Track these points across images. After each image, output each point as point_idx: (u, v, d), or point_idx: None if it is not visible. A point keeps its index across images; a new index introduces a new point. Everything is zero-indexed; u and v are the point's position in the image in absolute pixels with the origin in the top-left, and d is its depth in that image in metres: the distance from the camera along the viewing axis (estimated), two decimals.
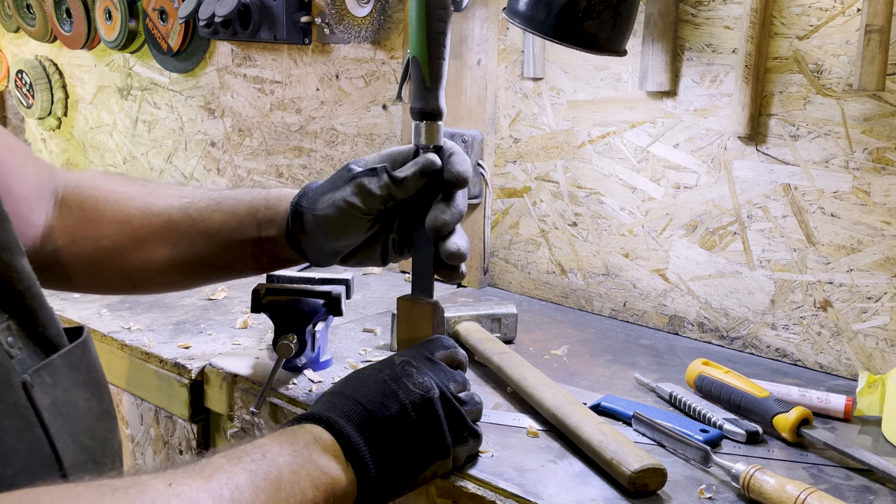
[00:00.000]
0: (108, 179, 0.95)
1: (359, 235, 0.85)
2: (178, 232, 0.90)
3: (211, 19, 1.61)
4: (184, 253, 0.91)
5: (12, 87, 2.30)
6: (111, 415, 0.69)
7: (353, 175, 0.84)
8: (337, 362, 1.06)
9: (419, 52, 0.82)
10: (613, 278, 1.30)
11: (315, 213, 0.84)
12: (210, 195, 0.92)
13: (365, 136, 1.58)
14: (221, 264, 0.93)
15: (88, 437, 0.65)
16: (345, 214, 0.83)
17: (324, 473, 0.67)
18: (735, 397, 0.93)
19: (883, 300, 1.05)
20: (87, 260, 0.90)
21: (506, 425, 0.90)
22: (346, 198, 0.83)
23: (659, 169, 1.23)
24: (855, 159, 1.05)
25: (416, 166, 0.82)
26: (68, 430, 0.63)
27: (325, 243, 0.86)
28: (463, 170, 0.83)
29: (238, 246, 0.90)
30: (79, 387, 0.65)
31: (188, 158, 1.95)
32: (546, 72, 1.33)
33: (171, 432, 1.12)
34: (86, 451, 0.64)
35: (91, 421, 0.65)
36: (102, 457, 0.66)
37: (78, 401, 0.65)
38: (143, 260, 0.91)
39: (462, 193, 0.85)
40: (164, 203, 0.92)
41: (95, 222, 0.90)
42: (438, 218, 0.82)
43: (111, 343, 1.16)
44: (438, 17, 0.81)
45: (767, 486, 0.74)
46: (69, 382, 0.64)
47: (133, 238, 0.90)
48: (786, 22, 1.08)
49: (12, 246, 0.62)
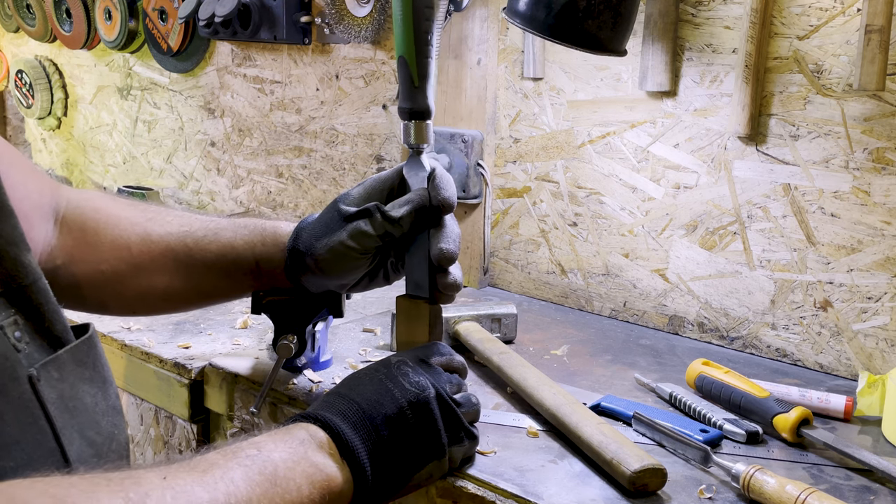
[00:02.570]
0: (110, 202, 0.95)
1: (361, 272, 0.87)
2: (176, 261, 0.91)
3: (211, 19, 1.61)
4: (182, 282, 0.92)
5: (12, 87, 2.30)
6: (117, 410, 0.69)
7: (345, 216, 0.84)
8: (337, 362, 1.06)
9: (406, 51, 0.82)
10: (613, 278, 1.30)
11: (314, 257, 0.85)
12: (208, 225, 0.93)
13: (365, 136, 1.58)
14: (219, 293, 0.95)
15: (94, 431, 0.65)
16: (344, 257, 0.84)
17: (319, 471, 0.67)
18: (735, 397, 0.93)
19: (883, 300, 1.05)
20: (86, 282, 0.90)
21: (506, 425, 0.90)
22: (344, 241, 0.83)
23: (659, 169, 1.22)
24: (855, 159, 1.05)
25: (411, 205, 0.83)
26: (74, 424, 0.63)
27: (329, 282, 0.88)
28: (447, 195, 0.84)
29: (236, 278, 0.92)
30: (85, 382, 0.66)
31: (188, 158, 1.95)
32: (546, 72, 1.33)
33: (171, 432, 1.12)
34: (92, 445, 0.64)
35: (97, 416, 0.66)
36: (108, 452, 0.66)
37: (84, 396, 0.65)
38: (142, 287, 0.92)
39: (451, 215, 0.86)
40: (163, 231, 0.92)
41: (95, 246, 0.90)
42: (445, 249, 0.83)
43: (111, 343, 1.16)
44: (425, 17, 0.81)
45: (767, 487, 0.74)
46: (75, 378, 0.65)
47: (131, 265, 0.91)
48: (786, 22, 1.08)
49: (18, 241, 0.62)
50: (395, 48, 0.84)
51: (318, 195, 1.69)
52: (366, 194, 0.86)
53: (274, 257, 0.90)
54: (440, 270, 0.85)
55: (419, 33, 0.81)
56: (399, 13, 0.81)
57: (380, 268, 0.90)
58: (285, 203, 1.76)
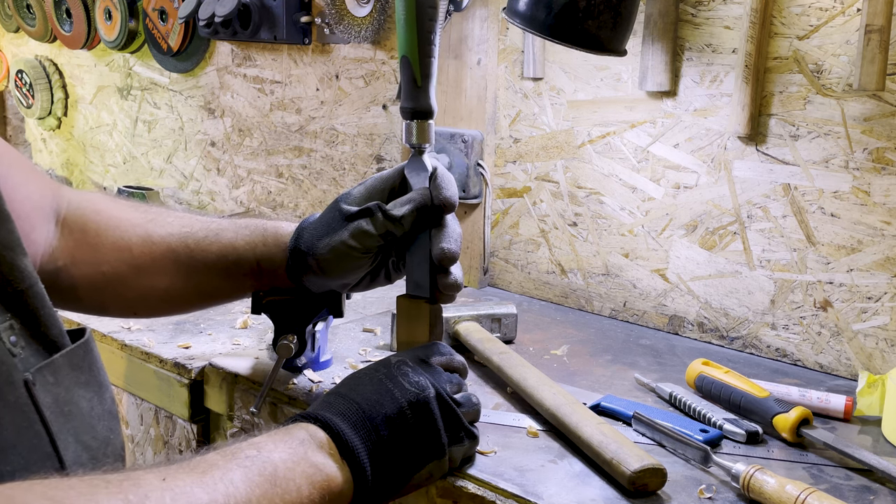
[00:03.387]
0: (112, 203, 0.95)
1: (362, 271, 0.87)
2: (177, 262, 0.91)
3: (211, 19, 1.61)
4: (183, 283, 0.92)
5: (12, 87, 2.30)
6: (113, 415, 0.69)
7: (346, 216, 0.84)
8: (337, 362, 1.06)
9: (409, 51, 0.82)
10: (613, 278, 1.30)
11: (316, 257, 0.85)
12: (209, 225, 0.93)
13: (365, 136, 1.58)
14: (220, 294, 0.95)
15: (90, 436, 0.65)
16: (346, 257, 0.84)
17: (319, 471, 0.67)
18: (735, 397, 0.93)
19: (883, 300, 1.05)
20: (87, 283, 0.90)
21: (506, 425, 0.90)
22: (345, 241, 0.84)
23: (659, 169, 1.23)
24: (855, 159, 1.05)
25: (412, 204, 0.83)
26: (70, 428, 0.63)
27: (330, 281, 0.88)
28: (449, 195, 0.84)
29: (237, 278, 0.92)
30: (81, 386, 0.65)
31: (188, 158, 1.95)
32: (546, 72, 1.33)
33: (171, 432, 1.12)
34: (88, 450, 0.64)
35: (93, 420, 0.66)
36: (104, 456, 0.66)
37: (80, 400, 0.65)
38: (143, 288, 0.92)
39: (452, 214, 0.86)
40: (164, 232, 0.92)
41: (96, 247, 0.90)
42: (447, 249, 0.83)
43: (111, 343, 1.16)
44: (428, 16, 0.81)
45: (767, 486, 0.74)
46: (71, 382, 0.64)
47: (133, 266, 0.91)
48: (786, 22, 1.08)
49: (14, 245, 0.62)
50: (397, 48, 0.84)
51: (318, 195, 1.69)
52: (367, 194, 0.86)
53: (275, 257, 0.90)
54: (441, 270, 0.85)
55: (423, 33, 0.81)
56: (402, 13, 0.81)
57: (381, 267, 0.90)
58: (285, 203, 1.76)
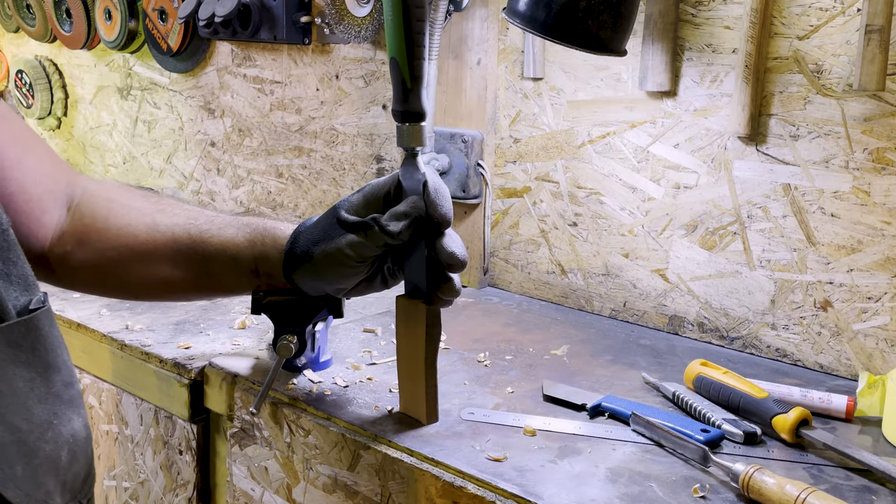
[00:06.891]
0: (125, 192, 0.99)
1: (357, 278, 0.88)
2: (179, 251, 0.93)
3: (211, 19, 1.61)
4: (183, 272, 0.94)
5: (12, 87, 2.30)
6: (64, 400, 0.67)
7: (343, 225, 0.85)
8: (337, 362, 1.06)
9: (398, 52, 0.81)
10: (613, 278, 1.30)
11: (311, 262, 0.86)
12: (213, 220, 0.95)
13: (365, 136, 1.58)
14: (219, 287, 0.97)
15: (22, 417, 0.63)
16: (341, 265, 0.85)
17: None
18: (734, 398, 0.93)
19: (883, 300, 1.05)
20: (92, 266, 0.93)
21: (506, 425, 0.90)
22: (341, 248, 0.84)
23: (659, 169, 1.22)
24: (855, 159, 1.05)
25: (409, 219, 0.83)
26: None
27: (326, 286, 0.89)
28: (444, 212, 0.84)
29: (236, 273, 0.93)
30: (19, 365, 0.64)
31: (188, 158, 1.95)
32: (546, 72, 1.33)
33: (171, 432, 1.12)
34: (13, 432, 0.62)
35: (29, 402, 0.64)
36: (40, 442, 0.64)
37: (15, 379, 0.63)
38: (145, 274, 0.94)
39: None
40: (171, 222, 0.94)
41: (102, 232, 0.93)
42: (454, 254, 0.84)
43: (111, 343, 1.16)
44: (417, 17, 0.80)
45: (767, 486, 0.74)
46: (5, 359, 0.63)
47: (136, 252, 0.93)
48: (786, 22, 1.08)
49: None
50: (387, 50, 0.84)
51: (318, 195, 1.69)
52: (364, 201, 0.87)
53: (272, 258, 0.91)
54: (443, 276, 0.86)
55: (410, 34, 0.81)
56: (389, 14, 0.80)
57: (377, 273, 0.90)
58: (285, 203, 1.76)
